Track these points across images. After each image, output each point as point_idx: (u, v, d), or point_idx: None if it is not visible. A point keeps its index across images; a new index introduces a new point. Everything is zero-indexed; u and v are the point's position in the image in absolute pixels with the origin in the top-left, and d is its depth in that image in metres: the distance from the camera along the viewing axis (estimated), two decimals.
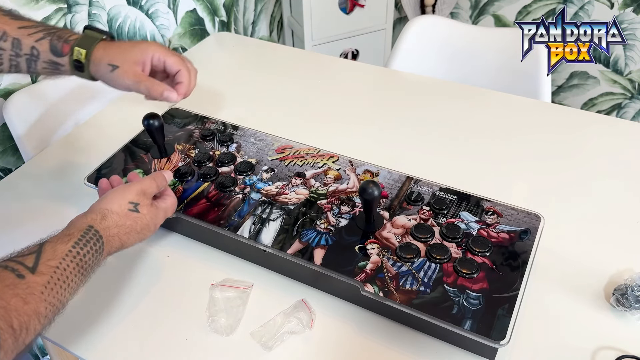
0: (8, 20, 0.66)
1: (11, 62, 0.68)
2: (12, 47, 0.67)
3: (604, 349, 0.62)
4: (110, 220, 0.58)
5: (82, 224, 0.56)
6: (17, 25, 0.67)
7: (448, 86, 1.16)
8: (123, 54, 0.69)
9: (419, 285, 0.62)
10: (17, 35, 0.66)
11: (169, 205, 0.67)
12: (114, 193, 0.61)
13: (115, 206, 0.60)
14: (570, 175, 0.89)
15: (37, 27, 0.68)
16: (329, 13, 2.03)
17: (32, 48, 0.67)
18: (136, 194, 0.62)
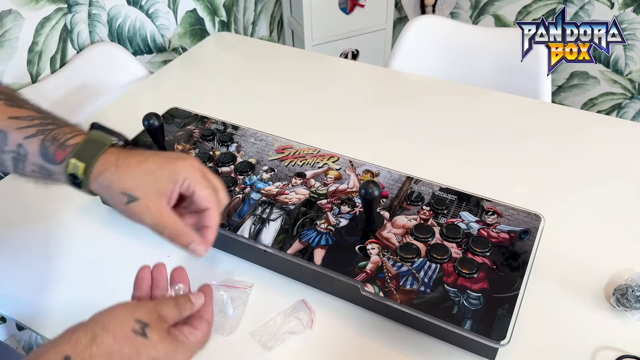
0: (1, 106, 0.53)
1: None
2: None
3: (604, 349, 0.62)
4: (99, 345, 0.41)
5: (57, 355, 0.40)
6: (9, 114, 0.52)
7: (448, 86, 1.16)
8: (145, 181, 0.50)
9: (419, 285, 0.62)
10: (4, 127, 0.52)
11: (199, 336, 0.47)
12: (121, 306, 0.45)
13: (114, 323, 0.43)
14: (571, 175, 0.89)
15: (32, 120, 0.52)
16: (329, 13, 2.03)
17: (19, 146, 0.52)
18: (148, 311, 0.45)
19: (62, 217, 0.82)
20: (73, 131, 0.53)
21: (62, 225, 0.81)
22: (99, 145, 0.52)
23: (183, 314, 0.48)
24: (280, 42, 2.29)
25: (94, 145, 0.52)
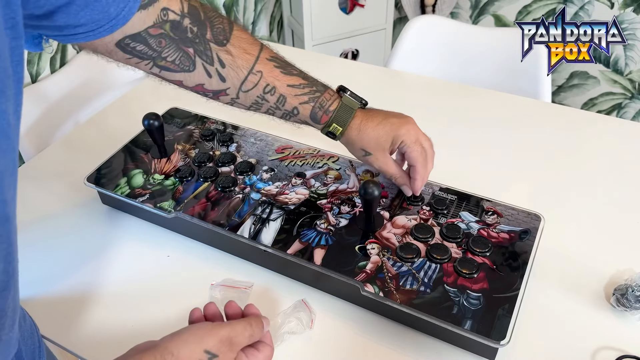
0: (279, 74, 0.67)
1: (269, 110, 0.69)
2: (277, 101, 0.68)
3: (604, 349, 0.62)
4: None
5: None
6: (287, 82, 0.67)
7: (448, 86, 1.16)
8: (376, 139, 0.69)
9: (419, 285, 0.62)
10: (285, 92, 0.67)
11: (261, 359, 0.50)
12: (192, 333, 0.46)
13: (184, 351, 0.44)
14: (571, 175, 0.89)
15: (304, 89, 0.68)
16: (329, 13, 2.03)
17: (295, 108, 0.69)
18: (219, 341, 0.46)
19: (62, 217, 0.82)
20: (331, 97, 0.70)
21: (62, 225, 0.81)
22: (349, 110, 0.69)
23: (255, 339, 0.51)
24: (280, 42, 2.29)
25: (347, 110, 0.69)
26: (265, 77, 0.66)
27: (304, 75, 0.70)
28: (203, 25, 0.63)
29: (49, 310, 0.68)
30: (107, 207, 0.84)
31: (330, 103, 0.69)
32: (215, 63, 0.65)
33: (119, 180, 0.79)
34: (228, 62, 0.65)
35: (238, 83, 0.66)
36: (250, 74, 0.66)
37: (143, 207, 0.75)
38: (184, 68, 0.65)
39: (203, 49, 0.64)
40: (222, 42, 0.64)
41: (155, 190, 0.77)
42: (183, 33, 0.63)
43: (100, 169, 0.81)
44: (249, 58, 0.65)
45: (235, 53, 0.65)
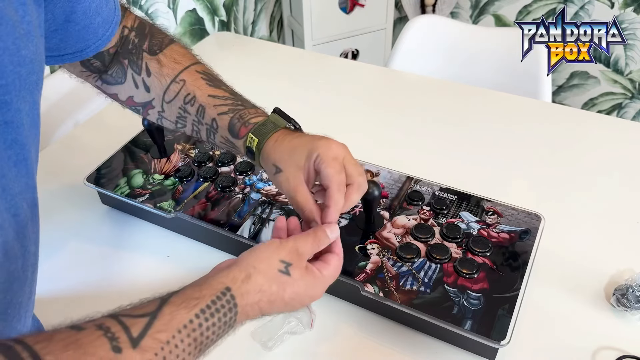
0: (203, 84, 0.63)
1: (193, 127, 0.65)
2: (197, 113, 0.63)
3: (604, 349, 0.62)
4: (253, 284, 0.46)
5: (219, 284, 0.45)
6: (209, 92, 0.63)
7: (448, 86, 1.16)
8: (290, 150, 0.58)
9: (419, 286, 0.62)
10: (204, 102, 0.63)
11: (331, 271, 0.52)
12: (265, 248, 0.50)
13: (263, 265, 0.48)
14: (571, 175, 0.89)
15: (226, 100, 0.63)
16: (329, 13, 2.03)
17: (213, 120, 0.62)
18: (288, 252, 0.50)
19: (62, 217, 0.82)
20: (257, 113, 0.62)
21: (62, 225, 0.81)
22: (274, 126, 0.60)
23: (320, 247, 0.53)
24: (280, 42, 2.29)
25: (270, 125, 0.60)
26: (186, 86, 0.63)
27: (233, 92, 0.64)
28: (144, 37, 0.64)
29: (49, 310, 0.68)
30: (107, 207, 0.84)
31: (253, 116, 0.62)
32: (142, 72, 0.64)
33: (118, 180, 0.79)
34: (154, 70, 0.64)
35: (161, 92, 0.64)
36: (172, 82, 0.63)
37: (143, 207, 0.75)
38: (118, 80, 0.65)
39: (135, 58, 0.64)
40: (154, 52, 0.64)
41: (155, 190, 0.77)
42: (126, 45, 0.64)
43: (100, 169, 0.81)
44: (176, 67, 0.64)
45: (164, 62, 0.64)
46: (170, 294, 0.44)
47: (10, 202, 0.41)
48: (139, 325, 0.39)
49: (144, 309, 0.41)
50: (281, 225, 0.57)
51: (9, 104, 0.40)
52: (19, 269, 0.44)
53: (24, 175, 0.43)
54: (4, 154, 0.40)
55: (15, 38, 0.40)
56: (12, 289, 0.43)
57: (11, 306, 0.44)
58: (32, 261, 0.47)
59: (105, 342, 0.36)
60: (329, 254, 0.54)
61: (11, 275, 0.42)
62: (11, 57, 0.39)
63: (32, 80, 0.42)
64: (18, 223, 0.43)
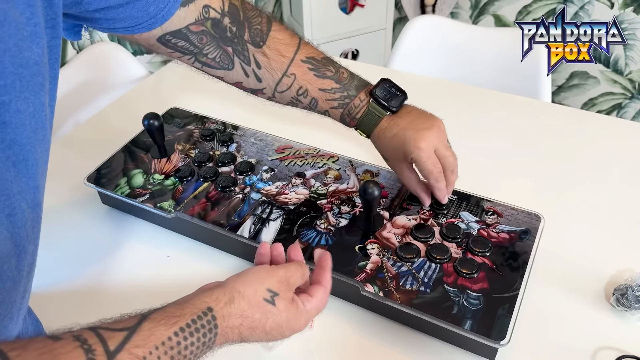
0: (312, 77, 0.69)
1: (305, 108, 0.72)
2: (309, 104, 0.70)
3: (604, 349, 0.62)
4: (236, 307, 0.46)
5: (202, 303, 0.45)
6: (319, 85, 0.69)
7: (448, 86, 1.16)
8: (391, 150, 0.69)
9: (419, 285, 0.62)
10: (317, 96, 0.69)
11: (315, 304, 0.52)
12: (254, 274, 0.50)
13: (249, 290, 0.48)
14: (571, 175, 0.89)
15: (334, 94, 0.69)
16: (329, 13, 2.03)
17: (326, 111, 0.71)
18: (278, 281, 0.50)
19: (62, 217, 0.82)
20: (361, 103, 0.70)
21: (62, 225, 0.81)
22: (375, 118, 0.69)
23: (305, 280, 0.54)
24: None
25: (371, 119, 0.69)
26: (298, 80, 0.68)
27: (338, 76, 0.70)
28: (242, 25, 0.65)
29: (49, 310, 0.68)
30: (107, 207, 0.84)
31: (358, 110, 0.70)
32: (252, 64, 0.67)
33: (119, 180, 0.79)
34: (264, 64, 0.67)
35: (273, 84, 0.69)
36: (284, 76, 0.68)
37: (143, 207, 0.75)
38: (223, 66, 0.67)
39: (241, 49, 0.66)
40: (258, 44, 0.66)
41: (155, 190, 0.77)
42: (223, 32, 0.65)
43: (100, 169, 0.81)
44: (283, 60, 0.67)
45: (271, 55, 0.67)
46: (151, 310, 0.43)
47: (5, 202, 0.41)
48: (117, 338, 0.39)
49: (124, 323, 0.41)
50: (264, 252, 0.57)
51: (7, 104, 0.40)
52: (12, 268, 0.44)
53: (24, 175, 0.43)
54: (2, 154, 0.40)
55: (18, 40, 0.40)
56: (5, 287, 0.43)
57: (3, 305, 0.44)
58: (28, 261, 0.47)
59: (80, 354, 0.36)
60: (315, 285, 0.54)
61: (4, 274, 0.42)
62: (12, 58, 0.39)
63: (37, 81, 0.42)
64: (13, 223, 0.43)
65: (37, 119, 0.43)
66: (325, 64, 0.70)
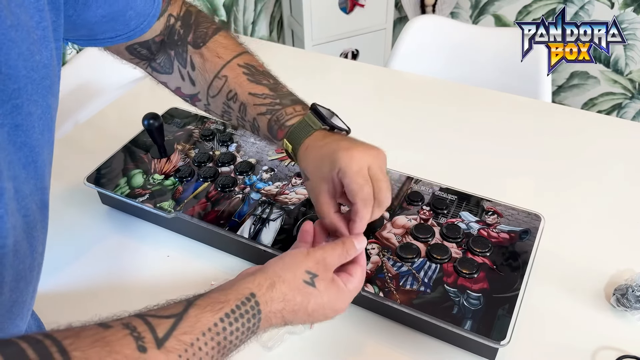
0: (244, 81, 0.63)
1: (238, 122, 0.65)
2: (239, 110, 0.64)
3: (604, 349, 0.62)
4: (277, 292, 0.46)
5: (245, 289, 0.45)
6: (249, 89, 0.62)
7: (448, 86, 1.16)
8: (316, 160, 0.57)
9: (419, 286, 0.62)
10: (245, 101, 0.62)
11: (356, 284, 0.52)
12: (292, 257, 0.50)
13: (289, 274, 0.48)
14: (571, 175, 0.89)
15: (265, 99, 0.62)
16: (329, 13, 2.03)
17: (254, 119, 0.63)
18: (315, 262, 0.49)
19: (62, 217, 0.82)
20: (294, 112, 0.61)
21: (62, 225, 0.81)
22: (307, 129, 0.59)
23: (348, 259, 0.53)
24: (280, 42, 2.29)
25: (304, 129, 0.59)
26: (229, 83, 0.63)
27: (275, 87, 0.63)
28: (189, 28, 0.65)
29: (48, 310, 0.68)
30: (107, 207, 0.84)
31: (290, 118, 0.60)
32: (187, 65, 0.65)
33: (119, 180, 0.79)
34: (198, 65, 0.64)
35: (205, 87, 0.65)
36: (215, 78, 0.64)
37: (143, 207, 0.75)
38: (165, 70, 0.66)
39: (181, 51, 0.65)
40: (198, 45, 0.64)
41: (155, 190, 0.77)
42: (172, 35, 0.65)
43: (100, 169, 0.81)
44: (218, 62, 0.63)
45: (207, 56, 0.64)
46: (196, 296, 0.44)
47: (21, 203, 0.42)
48: (165, 325, 0.39)
49: (170, 310, 0.41)
50: (308, 229, 0.57)
51: (20, 107, 0.40)
52: (26, 268, 0.44)
53: (33, 177, 0.44)
54: (14, 156, 0.41)
55: (29, 44, 0.40)
56: (19, 287, 0.44)
57: (16, 304, 0.44)
58: (38, 261, 0.48)
59: (131, 341, 0.37)
60: (353, 265, 0.53)
61: (19, 274, 0.43)
62: (25, 62, 0.40)
63: (45, 84, 0.43)
64: (27, 224, 0.43)
65: (44, 121, 0.44)
66: (265, 74, 0.64)
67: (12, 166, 0.40)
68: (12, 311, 0.44)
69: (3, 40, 0.38)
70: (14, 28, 0.39)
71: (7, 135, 0.40)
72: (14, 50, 0.39)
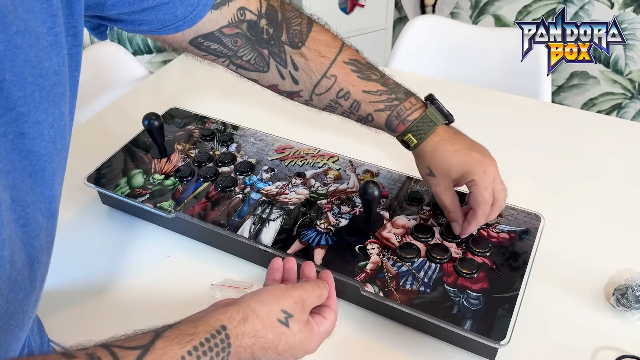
0: (355, 79, 0.64)
1: (344, 114, 0.67)
2: (350, 107, 0.66)
3: (604, 349, 0.62)
4: (249, 326, 0.46)
5: (216, 321, 0.44)
6: (362, 87, 0.65)
7: (448, 86, 1.16)
8: (447, 165, 0.63)
9: (419, 285, 0.62)
10: (359, 98, 0.65)
11: (328, 327, 0.52)
12: (270, 294, 0.49)
13: (263, 310, 0.47)
14: (570, 175, 0.89)
15: (380, 95, 0.65)
16: (329, 13, 2.03)
17: (369, 115, 0.65)
18: (294, 302, 0.49)
19: (62, 217, 0.82)
20: (412, 106, 0.65)
21: (62, 225, 0.81)
22: (430, 124, 0.64)
23: (322, 301, 0.53)
24: None
25: (427, 124, 0.64)
26: (339, 82, 0.65)
27: (384, 80, 0.66)
28: (279, 26, 0.64)
29: (48, 310, 0.68)
30: (107, 207, 0.84)
31: (410, 112, 0.65)
32: (288, 66, 0.65)
33: (119, 180, 0.79)
34: (301, 66, 0.65)
35: (311, 86, 0.66)
36: (323, 77, 0.65)
37: (143, 207, 0.75)
38: (258, 68, 0.66)
39: (277, 51, 0.64)
40: (297, 45, 0.64)
41: (155, 190, 0.77)
42: (259, 34, 0.63)
43: (100, 169, 0.81)
44: (323, 62, 0.64)
45: (310, 56, 0.64)
46: (165, 327, 0.43)
47: (19, 213, 0.41)
48: (130, 357, 0.38)
49: (137, 341, 0.40)
50: (277, 267, 0.56)
51: (26, 115, 0.39)
52: (25, 279, 0.43)
53: (40, 185, 0.43)
54: (19, 165, 0.40)
55: (38, 50, 0.39)
56: (17, 299, 0.43)
57: (15, 315, 0.43)
58: (41, 270, 0.46)
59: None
60: (326, 308, 0.53)
61: (17, 285, 0.42)
62: (32, 69, 0.39)
63: (57, 92, 0.42)
64: (27, 234, 0.42)
65: (56, 129, 0.43)
66: (370, 67, 0.67)
67: (10, 175, 0.39)
68: (10, 322, 0.43)
69: (8, 47, 0.37)
70: (21, 34, 0.38)
71: (11, 144, 0.39)
72: (20, 57, 0.38)
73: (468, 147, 0.64)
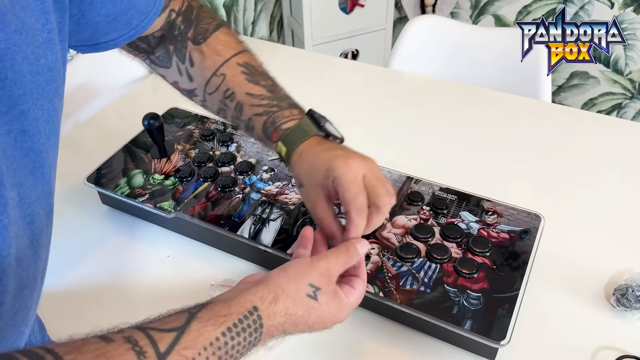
0: (243, 80, 0.62)
1: (234, 120, 0.65)
2: (235, 109, 0.63)
3: (604, 349, 0.62)
4: (280, 305, 0.46)
5: (247, 302, 0.45)
6: (246, 89, 0.62)
7: (448, 86, 1.16)
8: (311, 167, 0.57)
9: (419, 285, 0.62)
10: (242, 100, 0.62)
11: (357, 297, 0.52)
12: (295, 269, 0.49)
13: (292, 287, 0.47)
14: (570, 175, 0.89)
15: (262, 100, 0.61)
16: (329, 13, 2.03)
17: (249, 120, 0.62)
18: (319, 274, 0.49)
19: (62, 217, 0.82)
20: (290, 116, 0.60)
21: (62, 225, 0.81)
22: (303, 134, 0.59)
23: (352, 264, 0.53)
24: (280, 42, 2.29)
25: (299, 133, 0.59)
26: (226, 81, 0.63)
27: (272, 88, 0.63)
28: (190, 23, 0.64)
29: (48, 310, 0.68)
30: (107, 207, 0.84)
31: (286, 121, 0.60)
32: (186, 61, 0.64)
33: (119, 180, 0.79)
34: (197, 62, 0.64)
35: (203, 83, 0.64)
36: (213, 75, 0.63)
37: (143, 207, 0.75)
38: (164, 64, 0.66)
39: (180, 46, 0.64)
40: (198, 41, 0.64)
41: (155, 190, 0.77)
42: (172, 30, 0.64)
43: (100, 169, 0.81)
44: (217, 59, 0.63)
45: (207, 53, 0.63)
46: (198, 306, 0.43)
47: (26, 210, 0.41)
48: (167, 340, 0.39)
49: (172, 323, 0.40)
50: (308, 234, 0.56)
51: (26, 113, 0.40)
52: (30, 276, 0.44)
53: (41, 182, 0.43)
54: (21, 162, 0.40)
55: (35, 47, 0.40)
56: (22, 295, 0.43)
57: (20, 312, 0.44)
58: (42, 267, 0.47)
59: (132, 356, 0.37)
60: (355, 278, 0.53)
61: (22, 282, 0.42)
62: (30, 66, 0.39)
63: (51, 88, 0.42)
64: (33, 231, 0.43)
65: (50, 125, 0.43)
66: (263, 75, 0.64)
67: (17, 173, 0.40)
68: (15, 318, 0.43)
69: (8, 45, 0.37)
70: (19, 32, 0.38)
71: (14, 142, 0.39)
72: (19, 54, 0.38)
73: (333, 148, 0.58)
